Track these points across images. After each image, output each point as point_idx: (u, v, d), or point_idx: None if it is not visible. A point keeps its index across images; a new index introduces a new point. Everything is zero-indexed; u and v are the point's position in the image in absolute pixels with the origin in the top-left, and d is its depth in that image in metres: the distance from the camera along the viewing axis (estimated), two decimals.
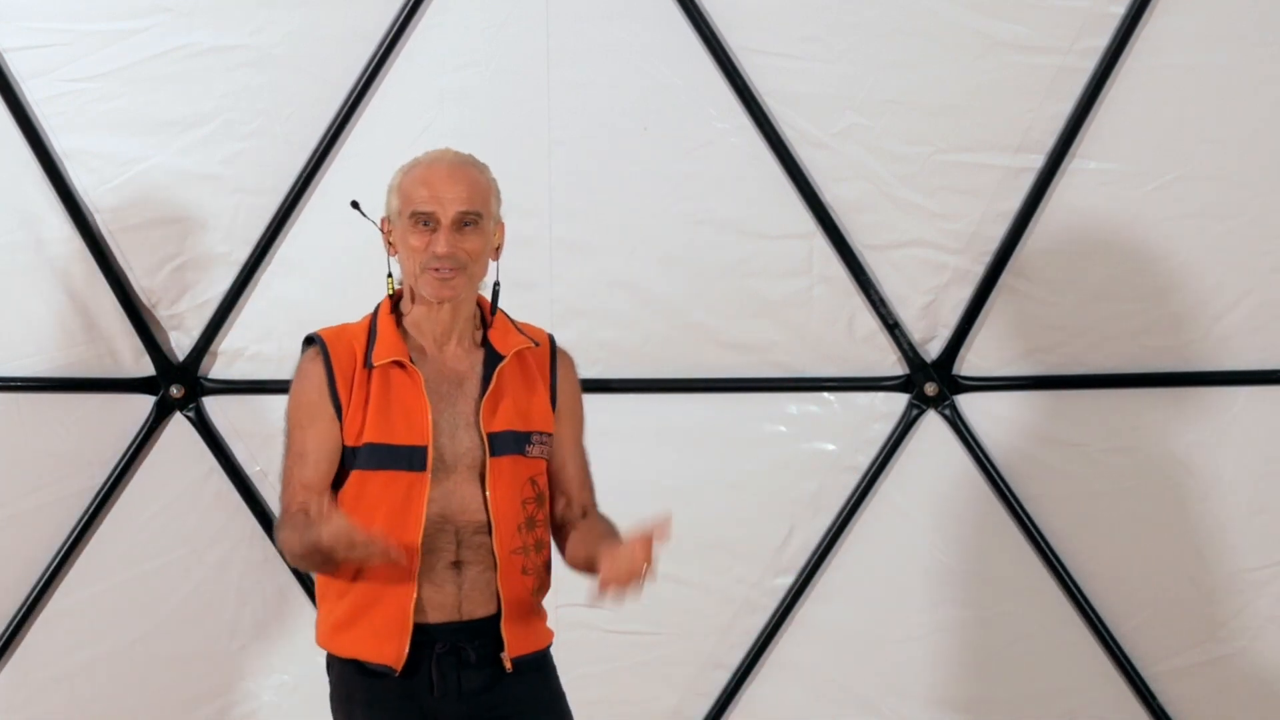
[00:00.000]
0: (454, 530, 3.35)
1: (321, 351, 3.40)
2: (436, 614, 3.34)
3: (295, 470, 3.38)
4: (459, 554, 3.36)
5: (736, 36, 4.82)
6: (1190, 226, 4.83)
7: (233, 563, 4.94)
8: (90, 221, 4.84)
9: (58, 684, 4.95)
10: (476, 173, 3.44)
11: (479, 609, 3.37)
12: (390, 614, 3.33)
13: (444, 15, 4.82)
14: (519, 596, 3.39)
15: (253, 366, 4.92)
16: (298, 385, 3.42)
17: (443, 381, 3.40)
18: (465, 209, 3.37)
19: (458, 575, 3.36)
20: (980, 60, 4.81)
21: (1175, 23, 4.78)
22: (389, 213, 3.46)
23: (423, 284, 3.38)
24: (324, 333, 3.44)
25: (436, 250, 3.34)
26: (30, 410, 4.88)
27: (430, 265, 3.35)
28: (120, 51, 4.80)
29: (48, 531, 4.90)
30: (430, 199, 3.36)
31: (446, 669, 3.36)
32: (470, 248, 3.37)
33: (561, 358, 3.55)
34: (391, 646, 3.33)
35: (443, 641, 3.35)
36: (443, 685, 3.35)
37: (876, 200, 4.86)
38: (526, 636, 3.42)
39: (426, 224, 3.36)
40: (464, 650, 3.36)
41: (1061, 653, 4.95)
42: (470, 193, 3.38)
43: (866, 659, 4.96)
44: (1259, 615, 4.91)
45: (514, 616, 3.38)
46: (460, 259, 3.36)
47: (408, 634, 3.33)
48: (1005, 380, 4.90)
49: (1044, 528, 4.91)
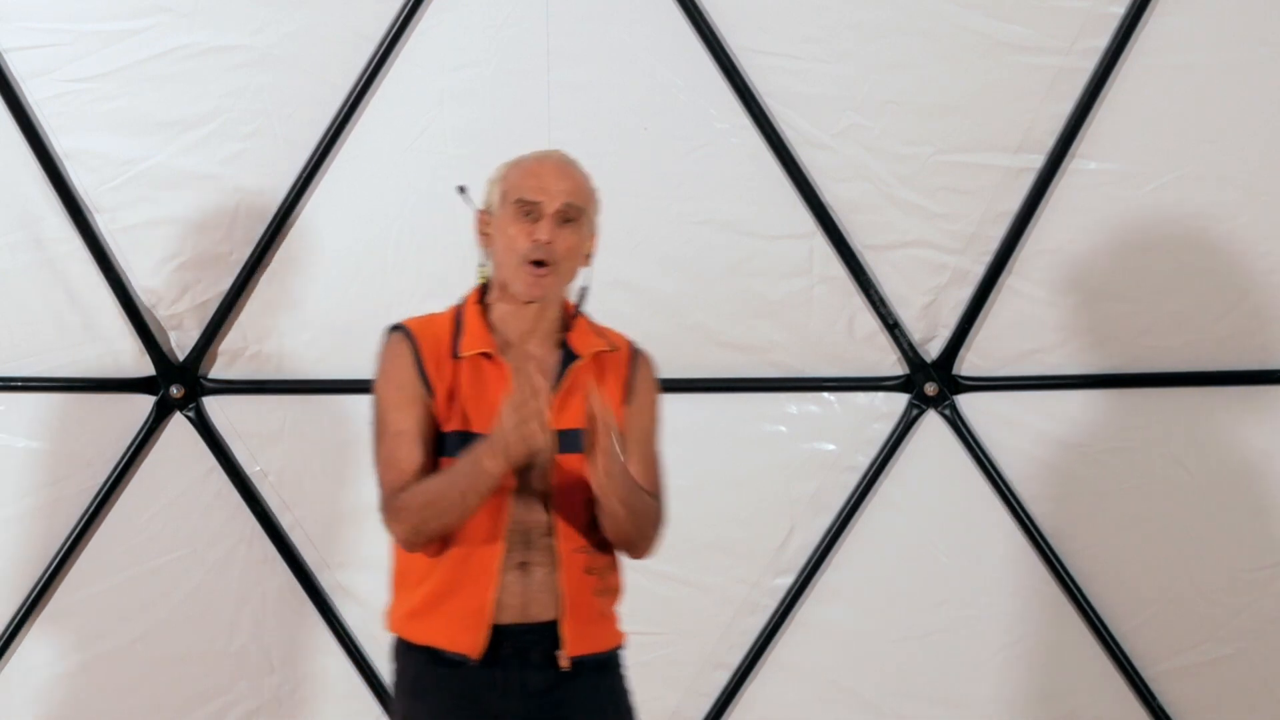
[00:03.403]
0: (523, 530, 3.35)
1: (408, 337, 3.41)
2: (504, 615, 3.35)
3: (395, 448, 3.36)
4: (526, 555, 3.36)
5: (736, 37, 4.82)
6: (1190, 226, 4.83)
7: (233, 563, 4.94)
8: (90, 221, 4.84)
9: (58, 684, 4.95)
10: (583, 175, 3.47)
11: (545, 611, 3.36)
12: (469, 604, 3.33)
13: (444, 15, 4.82)
14: (581, 596, 3.39)
15: (253, 366, 4.92)
16: (386, 367, 3.41)
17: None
18: (570, 201, 3.39)
19: (524, 576, 3.36)
20: (980, 60, 4.81)
21: (1175, 23, 4.78)
22: (488, 204, 3.48)
23: (517, 278, 3.39)
24: (408, 321, 3.46)
25: (539, 236, 3.36)
26: (30, 410, 4.88)
27: (529, 257, 3.36)
28: (120, 51, 4.80)
29: (48, 531, 4.90)
30: (537, 189, 3.39)
31: (511, 669, 3.36)
32: (567, 244, 3.39)
33: (640, 362, 3.54)
34: (469, 636, 3.33)
35: (509, 642, 3.35)
36: (506, 685, 3.36)
37: (876, 200, 4.86)
38: (587, 637, 3.41)
39: (529, 214, 3.38)
40: (529, 652, 3.37)
41: (1061, 653, 4.95)
42: (575, 188, 3.42)
43: (866, 659, 4.96)
44: (1259, 615, 4.91)
45: (574, 616, 3.38)
46: (557, 252, 3.37)
47: (486, 624, 3.33)
48: (1005, 380, 4.90)
49: (1044, 528, 4.91)
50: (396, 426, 3.37)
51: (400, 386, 3.38)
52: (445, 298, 4.84)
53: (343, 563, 4.94)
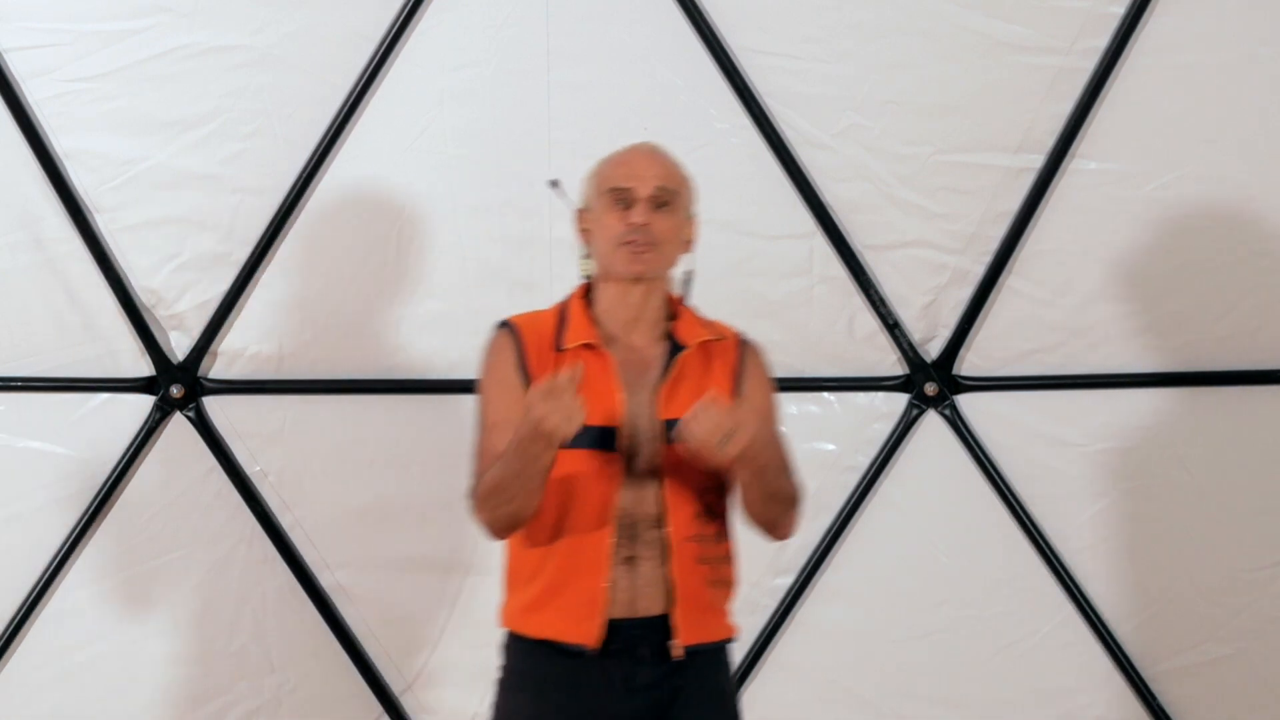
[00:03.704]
0: (630, 523, 3.37)
1: (511, 332, 3.46)
2: (612, 609, 3.37)
3: (491, 440, 3.39)
4: (633, 548, 3.37)
5: (736, 37, 4.82)
6: (1190, 226, 4.83)
7: (233, 563, 4.94)
8: (90, 221, 4.84)
9: (58, 684, 4.95)
10: (674, 162, 3.51)
11: (653, 605, 3.38)
12: (582, 595, 3.35)
13: (444, 15, 4.82)
14: (692, 586, 3.39)
15: (253, 366, 4.92)
16: (489, 362, 3.46)
17: (628, 369, 3.44)
18: (662, 185, 3.43)
19: (630, 570, 3.37)
20: (980, 60, 4.81)
21: (1175, 23, 4.78)
22: (585, 201, 3.52)
23: (617, 259, 3.42)
24: (514, 317, 3.50)
25: (633, 219, 3.40)
26: (30, 410, 4.88)
27: (625, 238, 3.40)
28: (120, 51, 4.80)
29: (48, 531, 4.90)
30: (629, 175, 3.44)
31: (620, 663, 3.37)
32: (664, 226, 3.43)
33: (749, 351, 3.56)
34: (586, 626, 3.35)
35: (617, 637, 3.37)
36: (615, 679, 3.37)
37: (876, 200, 4.86)
38: (699, 627, 3.41)
39: (623, 201, 3.42)
40: (637, 647, 3.38)
41: (1061, 653, 4.95)
42: (666, 172, 3.46)
43: (866, 659, 4.96)
44: (1259, 615, 4.91)
45: (686, 605, 3.38)
46: (654, 234, 3.41)
47: (601, 613, 3.35)
48: (1005, 380, 4.90)
49: (1044, 528, 4.91)
50: (493, 420, 3.41)
51: (500, 381, 3.43)
52: (445, 298, 4.89)
53: (343, 563, 4.94)
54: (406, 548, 4.91)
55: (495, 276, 4.87)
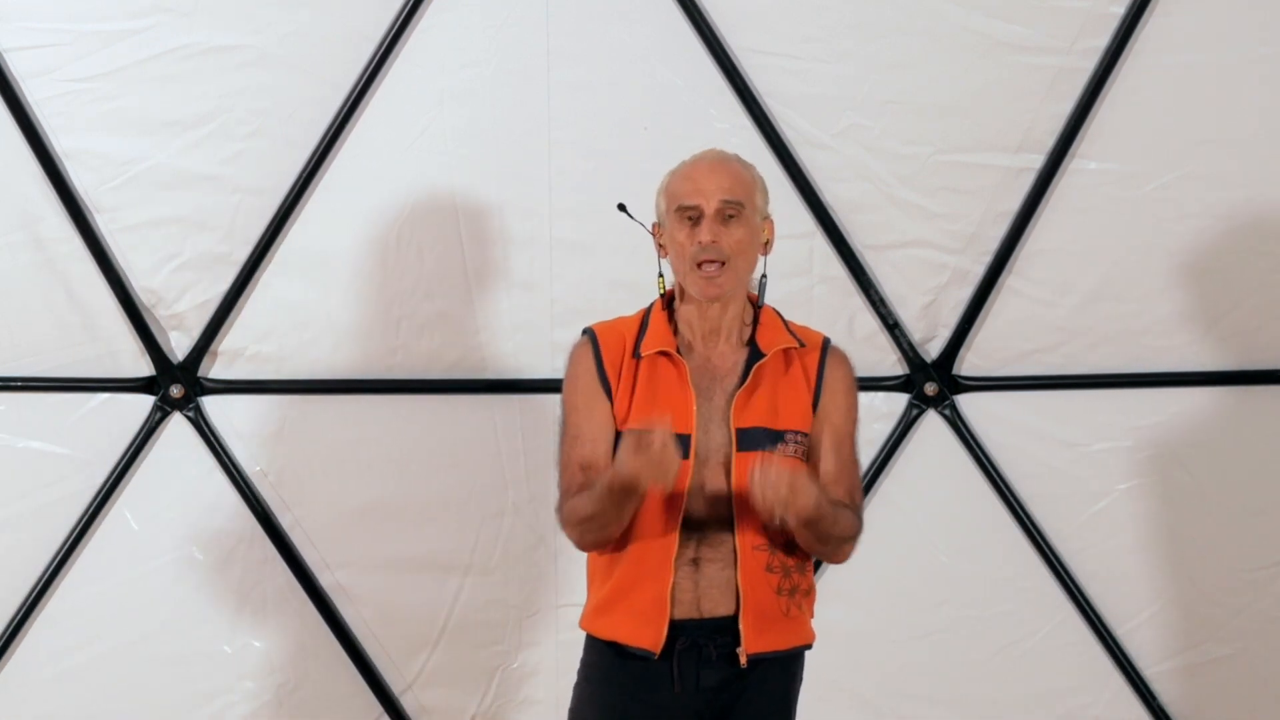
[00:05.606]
0: (699, 527, 3.40)
1: (591, 340, 3.51)
2: (677, 610, 3.40)
3: (573, 450, 3.46)
4: (698, 551, 3.40)
5: (736, 37, 4.82)
6: (1190, 226, 4.83)
7: (233, 563, 4.94)
8: (90, 221, 4.84)
9: (58, 684, 4.95)
10: (739, 167, 3.51)
11: (719, 607, 3.41)
12: (648, 599, 3.40)
13: (444, 15, 4.82)
14: (760, 594, 3.42)
15: (253, 366, 4.92)
16: (571, 372, 3.52)
17: (703, 376, 3.47)
18: (727, 198, 3.44)
19: (695, 572, 3.41)
20: (980, 60, 4.81)
21: (1175, 23, 4.78)
22: (659, 216, 3.56)
23: (691, 283, 3.46)
24: (596, 325, 3.55)
25: (701, 239, 3.41)
26: (30, 410, 4.88)
27: (697, 259, 3.42)
28: (120, 51, 4.80)
29: (48, 531, 4.90)
30: (693, 192, 3.45)
31: (687, 664, 3.41)
32: (734, 239, 3.44)
33: (833, 358, 3.56)
34: (649, 631, 3.40)
35: (684, 637, 3.41)
36: (682, 680, 3.41)
37: (876, 200, 4.86)
38: (767, 634, 3.45)
39: (691, 218, 3.44)
40: (704, 647, 3.41)
41: (1061, 653, 4.95)
42: (732, 183, 3.46)
43: (866, 659, 4.96)
44: (1259, 615, 4.91)
45: (754, 613, 3.42)
46: (724, 250, 3.42)
47: (664, 619, 3.39)
48: (1005, 380, 4.91)
49: (1044, 528, 4.91)
50: (574, 430, 3.47)
51: (580, 390, 3.48)
52: (445, 298, 4.88)
53: (343, 563, 4.94)
54: (406, 548, 4.91)
55: (495, 276, 4.87)
